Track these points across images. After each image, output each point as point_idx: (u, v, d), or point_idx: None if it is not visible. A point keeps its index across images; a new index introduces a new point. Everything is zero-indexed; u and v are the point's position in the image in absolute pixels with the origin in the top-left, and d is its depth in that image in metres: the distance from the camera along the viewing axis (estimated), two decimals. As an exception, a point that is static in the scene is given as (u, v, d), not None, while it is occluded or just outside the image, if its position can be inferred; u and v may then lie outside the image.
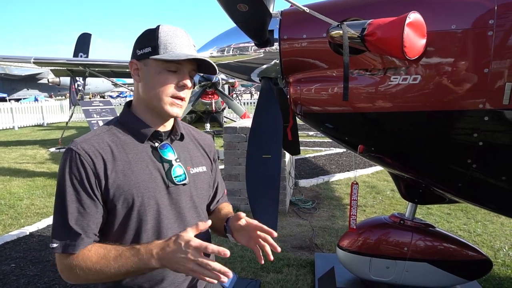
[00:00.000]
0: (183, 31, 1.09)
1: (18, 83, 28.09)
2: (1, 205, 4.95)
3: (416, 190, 2.28)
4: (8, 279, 3.02)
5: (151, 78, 1.06)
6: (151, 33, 1.07)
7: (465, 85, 1.61)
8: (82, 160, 1.00)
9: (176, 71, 1.07)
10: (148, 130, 1.10)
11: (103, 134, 1.07)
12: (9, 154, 9.03)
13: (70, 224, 0.98)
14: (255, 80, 2.26)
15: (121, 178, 1.03)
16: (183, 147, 1.18)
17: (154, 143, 1.12)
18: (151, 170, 1.08)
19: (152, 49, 1.04)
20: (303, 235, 3.86)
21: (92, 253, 0.98)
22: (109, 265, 0.96)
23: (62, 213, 0.99)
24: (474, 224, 4.12)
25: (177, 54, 1.03)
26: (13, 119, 15.45)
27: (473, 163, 1.72)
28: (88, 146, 1.02)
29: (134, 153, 1.07)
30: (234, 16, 1.73)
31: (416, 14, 1.47)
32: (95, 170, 1.00)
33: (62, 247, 0.98)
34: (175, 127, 1.18)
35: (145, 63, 1.07)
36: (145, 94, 1.09)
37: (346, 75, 1.58)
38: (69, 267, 0.99)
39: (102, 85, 29.71)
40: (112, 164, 1.03)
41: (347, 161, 7.42)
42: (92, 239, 1.02)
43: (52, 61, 9.20)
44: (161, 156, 1.11)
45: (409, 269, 2.25)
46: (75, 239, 0.98)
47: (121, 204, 1.03)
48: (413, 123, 1.78)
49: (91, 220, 1.01)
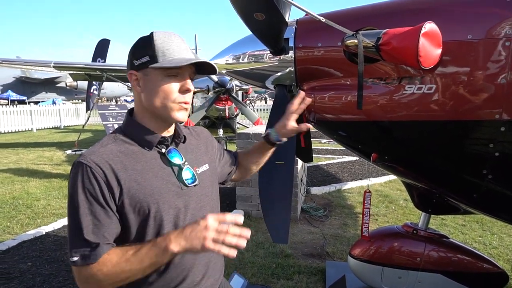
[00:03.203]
0: (177, 36, 1.09)
1: (38, 86, 28.87)
2: (19, 205, 5.08)
3: (429, 200, 2.25)
4: (25, 277, 3.09)
5: (153, 86, 1.06)
6: (146, 42, 1.06)
7: (481, 95, 1.60)
8: (93, 172, 0.99)
9: (177, 76, 1.07)
10: (154, 137, 1.11)
11: (110, 145, 1.07)
12: (27, 155, 9.27)
13: (86, 237, 0.98)
14: (270, 87, 2.29)
15: (135, 187, 1.03)
16: (186, 149, 1.20)
17: (161, 149, 1.13)
18: (163, 176, 1.09)
19: (150, 58, 1.04)
20: (314, 243, 3.85)
21: (112, 255, 0.99)
22: (129, 262, 0.96)
23: (77, 227, 0.98)
24: (490, 236, 4.03)
25: (177, 60, 1.03)
26: (32, 121, 15.85)
27: (488, 174, 1.70)
28: (97, 158, 1.01)
29: (143, 161, 1.07)
30: (251, 24, 1.76)
31: (432, 24, 1.48)
32: (107, 182, 1.00)
33: (82, 259, 0.98)
34: (177, 130, 1.19)
35: (145, 72, 1.06)
36: (149, 103, 1.08)
37: (360, 83, 1.59)
38: (90, 275, 0.98)
39: (117, 89, 30.28)
40: (124, 173, 1.02)
41: (359, 169, 7.36)
42: (109, 246, 1.02)
43: (71, 66, 9.45)
44: (170, 161, 1.12)
45: (421, 280, 2.23)
46: (94, 249, 0.98)
47: (137, 213, 1.04)
48: (428, 132, 1.77)
49: (106, 231, 1.01)
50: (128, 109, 1.20)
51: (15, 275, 3.12)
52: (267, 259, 3.42)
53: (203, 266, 1.17)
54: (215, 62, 2.05)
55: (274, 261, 3.38)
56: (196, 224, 0.94)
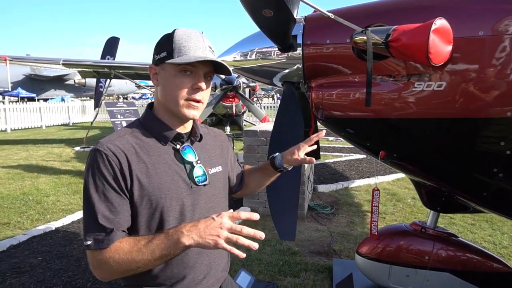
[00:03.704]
0: (198, 34, 1.10)
1: (47, 84, 29.16)
2: (29, 201, 5.16)
3: (438, 198, 2.23)
4: (35, 272, 3.14)
5: (167, 81, 1.09)
6: (167, 38, 1.09)
7: (493, 92, 1.58)
8: (109, 159, 1.02)
9: (190, 73, 1.08)
10: (170, 133, 1.12)
11: (127, 135, 1.09)
12: (36, 152, 9.39)
13: (100, 222, 0.99)
14: (277, 85, 2.28)
15: (145, 180, 1.05)
16: (202, 148, 1.21)
17: (176, 145, 1.14)
18: (174, 172, 1.10)
19: (167, 54, 1.07)
20: (321, 241, 3.84)
21: (124, 243, 1.00)
22: (140, 252, 0.97)
23: (92, 212, 1.01)
24: (500, 236, 3.98)
25: (189, 57, 1.05)
26: (41, 118, 16.05)
27: (499, 172, 1.68)
28: (113, 146, 1.04)
29: (157, 155, 1.09)
30: (259, 21, 1.76)
31: (443, 21, 1.46)
32: (121, 169, 1.02)
33: (95, 243, 0.99)
34: (194, 128, 1.20)
35: (162, 67, 1.10)
36: (163, 98, 1.11)
37: (369, 80, 1.58)
38: (103, 261, 0.99)
39: (125, 86, 30.46)
40: (137, 165, 1.05)
41: (367, 167, 7.32)
42: (123, 234, 1.03)
43: (80, 63, 9.54)
44: (183, 158, 1.13)
45: (430, 279, 2.21)
46: (108, 234, 1.00)
47: (145, 204, 1.05)
48: (437, 130, 1.75)
49: (121, 217, 1.03)
50: (148, 103, 1.23)
51: (26, 270, 3.17)
52: (274, 256, 3.42)
53: (206, 266, 1.17)
54: (222, 59, 2.05)
55: (281, 258, 3.38)
56: (210, 220, 0.93)
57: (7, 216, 4.52)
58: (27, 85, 27.90)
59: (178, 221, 1.09)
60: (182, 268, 1.11)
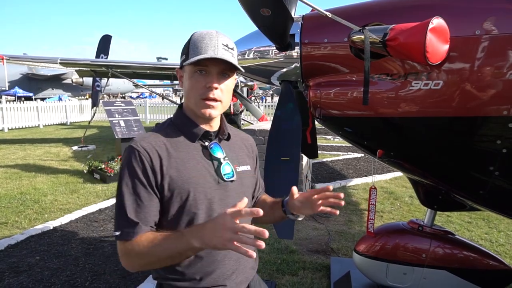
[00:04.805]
0: (211, 33, 1.13)
1: (44, 83, 29.02)
2: (27, 200, 5.14)
3: (435, 196, 2.25)
4: (33, 271, 3.14)
5: (186, 82, 1.16)
6: (186, 42, 1.16)
7: (489, 91, 1.59)
8: (141, 156, 1.09)
9: (203, 73, 1.12)
10: (199, 130, 1.18)
11: (159, 133, 1.17)
12: (34, 151, 9.35)
13: (128, 214, 1.07)
14: (275, 83, 2.29)
15: (175, 174, 1.10)
16: (230, 147, 1.25)
17: (204, 143, 1.19)
18: (202, 168, 1.15)
19: (185, 56, 1.13)
20: (319, 239, 3.85)
21: (144, 238, 1.05)
22: (156, 248, 1.02)
23: (122, 205, 1.08)
24: (497, 233, 4.01)
25: (197, 57, 1.08)
26: (38, 118, 15.97)
27: (495, 170, 1.69)
28: (146, 144, 1.11)
29: (186, 151, 1.15)
30: (257, 20, 1.76)
31: (440, 20, 1.47)
32: (152, 166, 1.08)
33: (122, 234, 1.07)
34: (222, 127, 1.24)
35: (184, 70, 1.17)
36: (186, 98, 1.19)
37: (366, 79, 1.58)
38: (127, 252, 1.07)
39: (123, 85, 30.37)
40: (168, 160, 1.11)
41: (364, 166, 7.34)
42: (148, 228, 1.09)
43: (77, 62, 9.50)
44: (211, 155, 1.18)
45: (427, 276, 2.23)
46: (133, 227, 1.06)
47: (175, 198, 1.10)
48: (434, 128, 1.76)
49: (148, 211, 1.09)
50: (180, 103, 1.29)
51: (24, 269, 3.17)
52: (272, 255, 3.43)
53: (234, 261, 1.20)
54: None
55: (279, 257, 3.39)
56: (217, 220, 0.93)
57: (4, 216, 4.51)
58: (24, 84, 27.76)
59: (207, 215, 1.13)
60: (211, 262, 1.15)
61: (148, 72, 11.37)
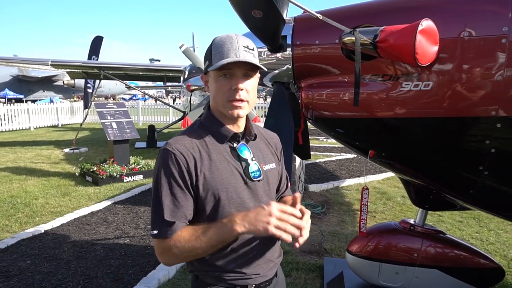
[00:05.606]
0: (231, 37, 1.17)
1: (35, 85, 28.71)
2: (18, 203, 5.08)
3: (426, 196, 2.27)
4: (24, 275, 3.10)
5: (212, 87, 1.21)
6: (208, 48, 1.21)
7: (478, 92, 1.62)
8: (176, 158, 1.14)
9: (227, 76, 1.16)
10: (228, 132, 1.22)
11: (192, 135, 1.22)
12: (25, 154, 9.24)
13: (165, 215, 1.12)
14: (268, 85, 2.30)
15: (209, 175, 1.16)
16: (256, 147, 1.29)
17: (232, 144, 1.24)
18: (232, 168, 1.20)
19: (209, 62, 1.18)
20: (312, 240, 3.86)
21: (184, 233, 1.12)
22: (199, 239, 1.10)
23: (158, 205, 1.14)
24: (487, 232, 4.06)
25: (220, 63, 1.13)
26: (29, 120, 15.79)
27: (485, 170, 1.72)
28: (181, 146, 1.16)
29: (216, 153, 1.20)
30: (249, 21, 1.77)
31: (429, 22, 1.49)
32: (188, 168, 1.14)
33: (160, 233, 1.13)
34: (249, 128, 1.28)
35: (208, 75, 1.22)
36: (213, 101, 1.23)
37: (357, 80, 1.60)
38: (166, 249, 1.13)
39: (115, 87, 30.15)
40: (201, 162, 1.16)
41: (357, 166, 7.38)
42: (184, 224, 1.15)
43: (68, 64, 9.43)
44: (239, 155, 1.23)
45: (419, 276, 2.25)
46: (170, 226, 1.12)
47: (209, 198, 1.16)
48: (424, 129, 1.79)
49: (183, 210, 1.15)
50: (207, 105, 1.33)
51: (14, 273, 3.12)
52: (265, 256, 3.43)
53: (263, 250, 1.25)
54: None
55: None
56: (260, 209, 1.06)
57: (-6, 219, 4.45)
58: (15, 86, 27.43)
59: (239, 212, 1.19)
60: (244, 253, 1.21)
61: (141, 73, 11.32)
